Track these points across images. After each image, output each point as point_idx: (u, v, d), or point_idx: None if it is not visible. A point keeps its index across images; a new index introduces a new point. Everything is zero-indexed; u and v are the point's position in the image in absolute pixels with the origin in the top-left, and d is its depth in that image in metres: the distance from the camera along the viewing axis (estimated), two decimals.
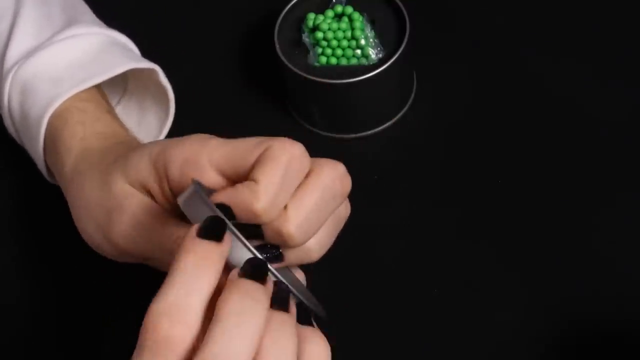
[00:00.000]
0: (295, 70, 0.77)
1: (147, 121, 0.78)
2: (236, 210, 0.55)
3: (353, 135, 0.81)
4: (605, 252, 0.73)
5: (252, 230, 0.54)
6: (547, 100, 0.81)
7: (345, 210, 0.61)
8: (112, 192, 0.64)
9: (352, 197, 0.61)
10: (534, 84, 0.82)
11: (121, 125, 0.72)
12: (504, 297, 0.72)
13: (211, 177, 0.59)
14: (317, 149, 0.60)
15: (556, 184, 0.77)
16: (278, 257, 0.57)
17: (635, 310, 0.70)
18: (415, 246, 0.75)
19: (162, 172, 0.61)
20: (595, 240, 0.74)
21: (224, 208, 0.55)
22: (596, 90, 0.81)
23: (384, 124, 0.81)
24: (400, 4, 0.79)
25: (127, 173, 0.63)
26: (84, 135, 0.69)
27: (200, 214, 0.54)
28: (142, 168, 0.62)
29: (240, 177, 0.58)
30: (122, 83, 0.79)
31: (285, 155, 0.57)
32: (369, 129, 0.81)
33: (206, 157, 0.59)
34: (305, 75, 0.77)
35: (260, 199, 0.55)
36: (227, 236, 0.52)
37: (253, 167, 0.57)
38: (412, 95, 0.82)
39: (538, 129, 0.79)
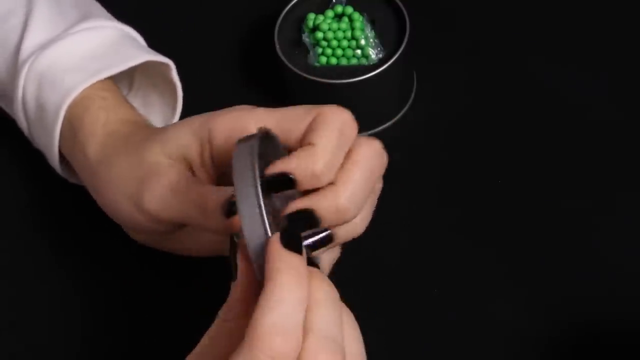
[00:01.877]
0: (295, 70, 0.77)
1: (151, 118, 0.79)
2: (297, 175, 0.56)
3: None
4: (605, 252, 0.73)
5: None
6: (547, 100, 0.81)
7: (379, 186, 0.62)
8: (146, 162, 0.64)
9: None
10: (534, 84, 0.82)
11: (139, 113, 0.73)
12: (504, 296, 0.72)
13: None
14: None
15: (556, 183, 0.77)
16: (330, 237, 0.58)
17: (635, 310, 0.70)
18: (415, 246, 0.75)
19: (205, 141, 0.62)
20: (595, 240, 0.74)
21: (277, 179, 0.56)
22: (596, 90, 0.81)
23: (384, 124, 0.81)
24: (400, 4, 0.79)
25: (165, 144, 0.64)
26: (107, 120, 0.70)
27: (242, 165, 0.53)
28: (182, 138, 0.63)
29: (289, 145, 0.59)
30: (128, 78, 0.79)
31: (339, 119, 0.58)
32: (369, 129, 0.81)
33: (254, 125, 0.59)
34: (305, 75, 0.77)
35: (319, 160, 0.56)
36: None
37: (306, 133, 0.58)
38: (412, 95, 0.82)
39: (538, 128, 0.79)
